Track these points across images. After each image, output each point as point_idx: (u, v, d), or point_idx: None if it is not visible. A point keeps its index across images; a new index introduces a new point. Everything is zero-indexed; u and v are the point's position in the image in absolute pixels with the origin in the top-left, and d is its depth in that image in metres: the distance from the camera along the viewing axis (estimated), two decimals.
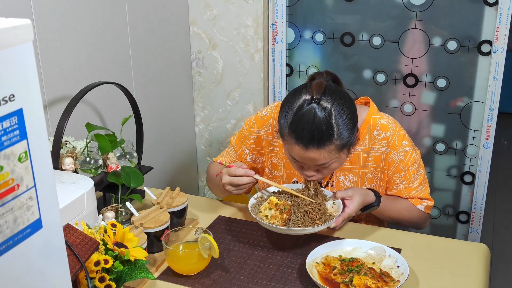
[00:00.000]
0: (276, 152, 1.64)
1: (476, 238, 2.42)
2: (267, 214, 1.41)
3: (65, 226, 1.06)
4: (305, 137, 1.33)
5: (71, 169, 1.50)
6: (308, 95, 1.36)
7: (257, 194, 1.51)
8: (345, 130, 1.36)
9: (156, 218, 1.37)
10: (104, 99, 1.93)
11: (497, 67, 2.14)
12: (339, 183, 1.58)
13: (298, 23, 2.41)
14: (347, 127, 1.36)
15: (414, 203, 1.57)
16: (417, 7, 2.21)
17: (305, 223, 1.36)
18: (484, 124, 2.24)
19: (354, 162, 1.56)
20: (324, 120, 1.32)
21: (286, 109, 1.39)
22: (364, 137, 1.54)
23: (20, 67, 0.67)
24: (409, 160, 1.54)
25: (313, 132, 1.32)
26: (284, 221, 1.37)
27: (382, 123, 1.54)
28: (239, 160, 1.67)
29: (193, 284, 1.27)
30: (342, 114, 1.35)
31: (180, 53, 2.47)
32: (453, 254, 1.40)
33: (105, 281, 1.08)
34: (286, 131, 1.38)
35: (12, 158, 0.67)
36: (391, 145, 1.53)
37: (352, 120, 1.38)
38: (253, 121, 1.66)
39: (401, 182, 1.55)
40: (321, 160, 1.37)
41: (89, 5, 1.82)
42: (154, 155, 2.33)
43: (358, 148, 1.54)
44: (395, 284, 1.20)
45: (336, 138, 1.34)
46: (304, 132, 1.33)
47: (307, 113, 1.34)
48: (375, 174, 1.56)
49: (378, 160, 1.55)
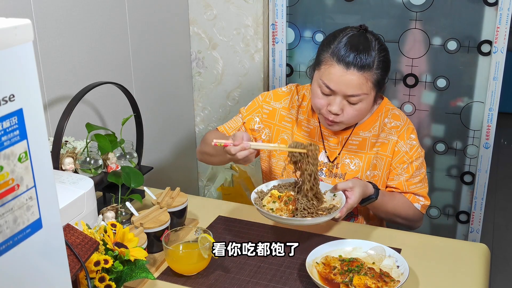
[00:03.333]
0: (288, 128, 1.64)
1: (476, 238, 2.42)
2: (272, 207, 1.40)
3: (65, 226, 1.06)
4: (348, 58, 1.40)
5: (71, 169, 1.50)
6: (355, 27, 1.47)
7: (258, 189, 1.49)
8: (383, 65, 1.45)
9: (156, 218, 1.37)
10: (104, 99, 1.93)
11: (497, 67, 2.14)
12: (344, 166, 1.59)
13: (298, 23, 2.41)
14: (384, 64, 1.45)
15: (412, 200, 1.57)
16: (417, 7, 2.21)
17: (312, 208, 1.36)
18: (484, 124, 2.24)
19: (361, 146, 1.57)
20: (369, 46, 1.42)
21: (330, 38, 1.48)
22: (375, 123, 1.57)
23: (20, 67, 0.67)
24: (414, 154, 1.56)
25: (357, 54, 1.40)
26: (291, 212, 1.37)
27: (394, 113, 1.59)
28: (246, 128, 1.66)
29: (193, 284, 1.27)
30: (382, 51, 1.45)
31: (180, 53, 2.47)
32: (453, 254, 1.40)
33: (105, 281, 1.08)
34: (327, 55, 1.44)
35: (12, 158, 0.67)
36: (400, 135, 1.56)
37: (387, 62, 1.48)
38: (270, 94, 1.67)
39: (402, 174, 1.56)
40: (356, 88, 1.42)
41: (89, 5, 1.82)
42: (154, 155, 2.33)
43: (368, 133, 1.57)
44: (395, 284, 1.20)
45: (376, 68, 1.43)
46: (348, 53, 1.41)
47: (353, 37, 1.44)
48: (380, 161, 1.57)
49: (385, 148, 1.56)
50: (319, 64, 1.47)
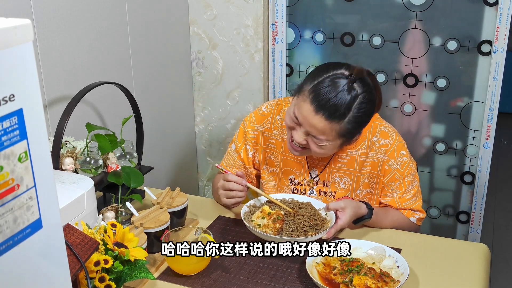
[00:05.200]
0: (273, 149, 1.64)
1: (476, 238, 2.42)
2: (260, 223, 1.42)
3: (65, 226, 1.06)
4: (322, 101, 1.36)
5: (71, 169, 1.50)
6: (347, 72, 1.40)
7: (250, 202, 1.52)
8: (356, 122, 1.40)
9: (156, 218, 1.37)
10: (104, 99, 1.93)
11: (497, 67, 2.14)
12: (334, 184, 1.59)
13: (298, 23, 2.41)
14: (359, 120, 1.40)
15: (407, 215, 1.57)
16: (417, 7, 2.21)
17: (297, 233, 1.37)
18: (484, 124, 2.24)
19: (350, 164, 1.56)
20: (348, 99, 1.36)
21: (319, 71, 1.43)
22: (363, 141, 1.55)
23: (20, 67, 0.67)
24: (406, 170, 1.54)
25: (332, 102, 1.36)
26: (276, 230, 1.38)
27: (383, 130, 1.55)
28: (242, 159, 1.68)
29: (193, 284, 1.27)
30: (362, 107, 1.39)
31: (180, 53, 2.47)
32: (453, 254, 1.40)
33: (105, 281, 1.08)
34: (307, 88, 1.41)
35: (12, 158, 0.67)
36: (390, 153, 1.53)
37: (366, 118, 1.43)
38: (252, 117, 1.67)
39: (395, 191, 1.55)
40: (319, 132, 1.39)
41: (89, 5, 1.82)
42: (154, 155, 2.33)
43: (356, 151, 1.55)
44: (395, 284, 1.20)
45: (347, 121, 1.38)
46: (324, 97, 1.36)
47: (337, 83, 1.37)
48: (371, 180, 1.56)
49: (375, 166, 1.55)
50: (299, 93, 1.45)
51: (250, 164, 1.68)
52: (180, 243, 1.22)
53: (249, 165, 1.68)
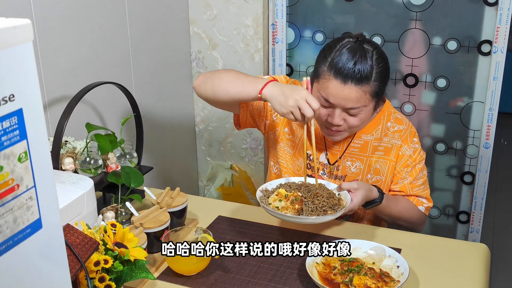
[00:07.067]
0: (297, 124, 1.63)
1: (476, 238, 2.42)
2: (278, 205, 1.39)
3: (65, 226, 1.06)
4: (345, 71, 1.39)
5: (71, 169, 1.50)
6: (352, 38, 1.45)
7: (262, 187, 1.49)
8: (381, 77, 1.44)
9: (156, 218, 1.37)
10: (104, 99, 1.93)
11: (497, 67, 2.14)
12: (345, 168, 1.59)
13: (298, 23, 2.41)
14: (383, 75, 1.44)
15: (416, 203, 1.57)
16: (417, 7, 2.21)
17: (317, 213, 1.36)
18: (484, 124, 2.24)
19: (363, 149, 1.57)
20: (366, 59, 1.40)
21: (327, 50, 1.46)
22: (377, 126, 1.57)
23: (20, 67, 0.67)
24: (417, 157, 1.57)
25: (354, 67, 1.39)
26: (296, 211, 1.37)
27: (397, 117, 1.59)
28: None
29: (193, 284, 1.27)
30: (380, 61, 1.44)
31: (180, 53, 2.47)
32: (453, 254, 1.40)
33: (105, 281, 1.08)
34: (325, 68, 1.43)
35: (12, 158, 0.67)
36: (403, 139, 1.56)
37: (386, 72, 1.47)
38: None
39: (406, 178, 1.57)
40: (354, 101, 1.41)
41: (89, 5, 1.82)
42: (154, 155, 2.33)
43: (370, 136, 1.57)
44: (395, 284, 1.20)
45: (374, 80, 1.42)
46: (345, 66, 1.40)
47: (350, 49, 1.41)
48: (383, 165, 1.57)
49: (388, 152, 1.56)
50: (318, 77, 1.46)
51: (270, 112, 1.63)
52: (180, 243, 1.22)
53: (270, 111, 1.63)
